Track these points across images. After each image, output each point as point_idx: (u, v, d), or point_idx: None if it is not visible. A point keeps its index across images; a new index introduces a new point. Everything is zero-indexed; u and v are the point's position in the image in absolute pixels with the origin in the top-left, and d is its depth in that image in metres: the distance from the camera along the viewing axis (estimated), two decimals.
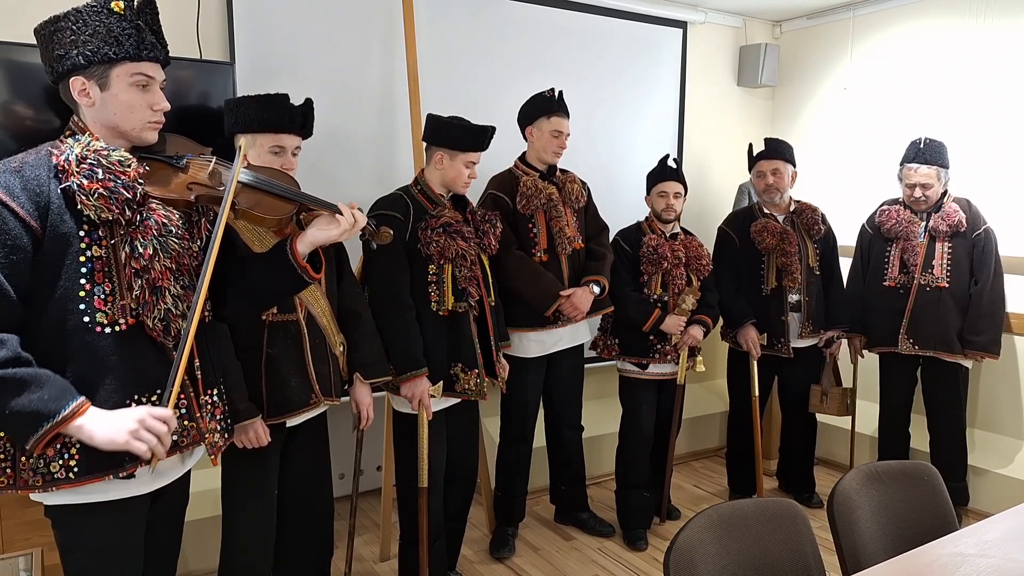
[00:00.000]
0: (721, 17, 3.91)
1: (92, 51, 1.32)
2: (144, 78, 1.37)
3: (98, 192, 1.28)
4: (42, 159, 1.32)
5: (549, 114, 2.64)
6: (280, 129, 1.89)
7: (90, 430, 1.25)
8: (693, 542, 1.29)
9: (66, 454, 1.31)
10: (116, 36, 1.33)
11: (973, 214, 2.90)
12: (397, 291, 2.20)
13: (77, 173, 1.28)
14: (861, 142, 3.78)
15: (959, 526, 1.60)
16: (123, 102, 1.36)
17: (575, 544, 2.92)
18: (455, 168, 2.26)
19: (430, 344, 2.24)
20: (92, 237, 1.32)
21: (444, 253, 2.20)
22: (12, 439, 1.33)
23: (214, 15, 2.67)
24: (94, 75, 1.34)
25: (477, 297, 2.29)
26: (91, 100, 1.36)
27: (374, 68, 2.97)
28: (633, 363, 2.88)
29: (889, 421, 3.13)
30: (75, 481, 1.31)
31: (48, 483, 1.31)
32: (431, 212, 2.24)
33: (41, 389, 1.22)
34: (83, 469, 1.31)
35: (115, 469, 1.34)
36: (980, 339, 2.84)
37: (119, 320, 1.34)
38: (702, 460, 3.83)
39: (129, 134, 1.39)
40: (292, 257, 1.52)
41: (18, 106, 2.04)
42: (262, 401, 1.87)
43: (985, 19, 3.28)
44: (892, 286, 2.97)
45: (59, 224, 1.29)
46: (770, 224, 2.98)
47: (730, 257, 3.08)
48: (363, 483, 3.25)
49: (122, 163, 1.33)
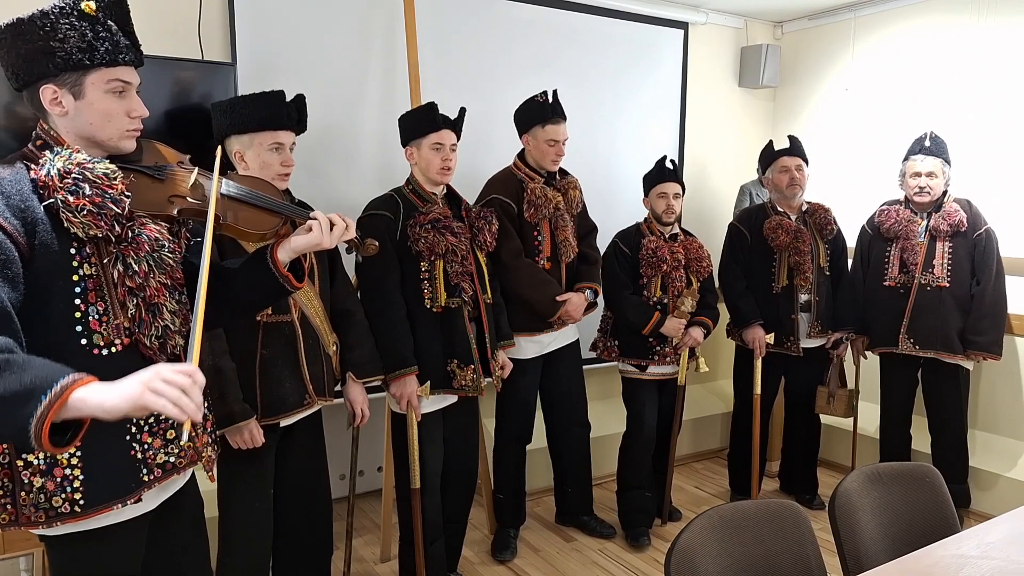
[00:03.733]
0: (722, 18, 3.91)
1: (63, 58, 1.21)
2: (120, 84, 1.27)
3: (86, 208, 1.20)
4: (20, 174, 1.22)
5: (543, 122, 2.60)
6: (279, 126, 1.89)
7: (99, 396, 1.04)
8: (694, 543, 1.29)
9: (68, 487, 1.24)
10: (89, 41, 1.23)
11: (974, 214, 2.90)
12: (386, 290, 2.20)
13: (61, 189, 1.19)
14: (862, 143, 3.77)
15: (961, 528, 1.59)
16: (99, 111, 1.26)
17: (576, 545, 2.92)
18: (424, 157, 2.25)
19: (425, 341, 2.24)
20: (82, 255, 1.24)
21: (434, 249, 2.20)
22: (10, 454, 1.24)
23: (215, 16, 2.67)
24: (66, 83, 1.24)
25: (471, 292, 2.29)
26: (64, 109, 1.25)
27: (375, 69, 2.97)
28: (633, 364, 2.88)
29: (890, 422, 3.12)
30: (81, 515, 1.25)
31: (51, 518, 1.24)
32: (421, 209, 2.24)
33: (37, 368, 1.06)
34: (89, 501, 1.25)
35: (123, 497, 1.27)
36: (982, 339, 2.83)
37: (114, 341, 1.27)
38: (703, 461, 3.82)
39: (106, 144, 1.29)
40: (273, 266, 1.43)
41: (21, 107, 2.04)
42: (256, 402, 1.87)
43: (986, 18, 3.27)
44: (892, 286, 2.96)
45: (49, 243, 1.20)
46: (784, 222, 2.97)
47: (741, 253, 3.07)
48: (365, 484, 3.25)
49: (108, 176, 1.24)
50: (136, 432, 1.32)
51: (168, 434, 1.37)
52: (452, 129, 2.28)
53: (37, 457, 1.24)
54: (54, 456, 1.23)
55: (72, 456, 1.24)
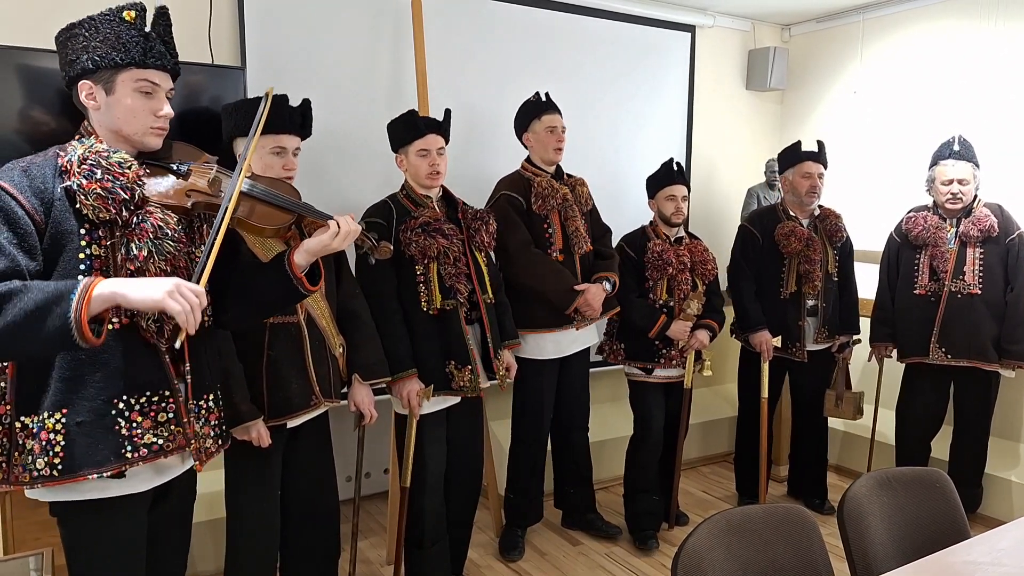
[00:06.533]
0: (729, 21, 3.90)
1: (100, 56, 1.36)
2: (149, 84, 1.40)
3: (95, 192, 1.31)
4: (49, 160, 1.36)
5: (539, 115, 2.66)
6: (280, 130, 1.90)
7: (123, 289, 1.23)
8: (701, 548, 1.29)
9: (51, 451, 1.33)
10: (124, 43, 1.37)
11: (1005, 219, 2.83)
12: (382, 296, 2.23)
13: (78, 173, 1.32)
14: (871, 146, 3.76)
15: (971, 534, 1.58)
16: (126, 107, 1.39)
17: (582, 549, 2.91)
18: (412, 163, 2.28)
19: (423, 344, 2.26)
20: (92, 236, 1.34)
21: (426, 252, 2.22)
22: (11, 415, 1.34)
23: (226, 22, 2.69)
24: (101, 80, 1.38)
25: (466, 294, 2.30)
26: (97, 104, 1.39)
27: (383, 73, 2.98)
28: (639, 367, 2.87)
29: (908, 431, 3.06)
30: (59, 479, 1.33)
31: (34, 479, 1.33)
32: (413, 213, 2.26)
33: (51, 284, 1.22)
34: (67, 467, 1.33)
35: (100, 467, 1.34)
36: (1019, 347, 2.76)
37: (112, 318, 1.35)
38: (710, 465, 3.81)
39: (132, 139, 1.42)
40: (289, 269, 1.52)
41: (35, 111, 2.07)
42: (263, 402, 1.88)
43: (995, 22, 3.26)
44: (923, 294, 2.89)
45: (61, 221, 1.32)
46: (797, 229, 2.95)
47: (752, 255, 3.05)
48: (371, 486, 3.26)
49: (121, 164, 1.35)
50: (125, 409, 1.38)
51: (159, 417, 1.42)
52: (438, 132, 2.29)
53: (32, 420, 1.34)
54: (43, 421, 1.33)
55: (58, 423, 1.34)
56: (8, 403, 1.36)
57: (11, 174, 1.32)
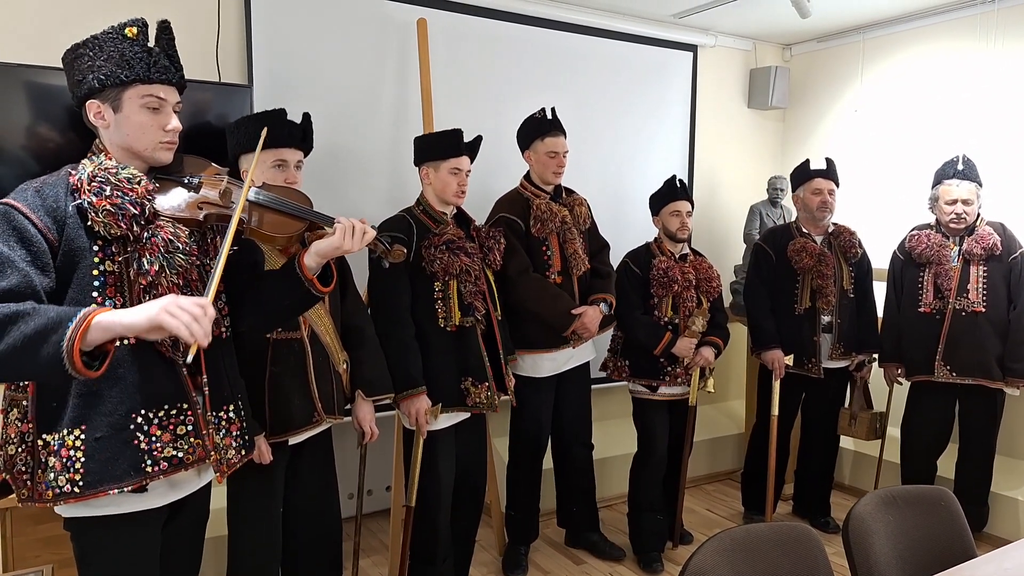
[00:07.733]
0: (731, 40, 3.94)
1: (106, 75, 1.37)
2: (155, 100, 1.40)
3: (106, 208, 1.32)
4: (61, 179, 1.37)
5: (542, 135, 2.65)
6: (280, 144, 1.92)
7: (118, 316, 1.19)
8: (706, 567, 1.28)
9: (71, 468, 1.32)
10: (128, 59, 1.37)
11: (1008, 237, 2.85)
12: (397, 310, 2.22)
13: (88, 191, 1.33)
14: (872, 164, 3.78)
15: (977, 553, 1.57)
16: (135, 123, 1.39)
17: (585, 568, 2.89)
18: (440, 179, 2.28)
19: (439, 360, 2.25)
20: (105, 252, 1.36)
21: (448, 269, 2.22)
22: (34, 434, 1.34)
23: (233, 41, 2.73)
24: (108, 98, 1.39)
25: (483, 311, 2.31)
26: (106, 122, 1.40)
27: (388, 91, 3.01)
28: (643, 384, 2.86)
29: (913, 451, 3.04)
30: (80, 495, 1.33)
31: (57, 496, 1.33)
32: (434, 231, 2.27)
33: (55, 310, 1.20)
34: (88, 483, 1.33)
35: (121, 482, 1.34)
36: (1022, 366, 2.75)
37: (119, 342, 1.33)
38: (715, 483, 3.78)
39: (143, 154, 1.42)
40: (300, 271, 1.52)
41: (42, 128, 2.09)
42: (265, 418, 1.88)
43: (994, 42, 3.29)
44: (927, 312, 2.89)
45: (74, 239, 1.33)
46: (808, 244, 2.96)
47: (767, 273, 3.06)
48: (373, 503, 3.24)
49: (131, 180, 1.37)
50: (143, 424, 1.38)
51: (179, 429, 1.42)
52: (469, 155, 2.32)
53: (52, 437, 1.34)
54: (63, 438, 1.34)
55: (77, 439, 1.34)
56: (30, 421, 1.36)
57: (25, 194, 1.33)
